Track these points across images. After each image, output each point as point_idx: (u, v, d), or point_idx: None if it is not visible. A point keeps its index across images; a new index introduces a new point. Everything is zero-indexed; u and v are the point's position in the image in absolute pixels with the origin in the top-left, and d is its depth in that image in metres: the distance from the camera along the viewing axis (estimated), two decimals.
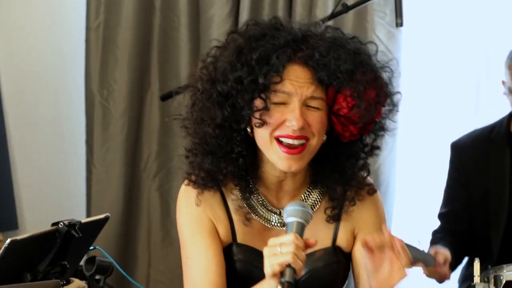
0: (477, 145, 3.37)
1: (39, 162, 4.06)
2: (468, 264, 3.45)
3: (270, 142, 2.19)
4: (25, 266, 2.42)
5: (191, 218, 2.32)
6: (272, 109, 2.18)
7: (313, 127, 2.19)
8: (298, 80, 2.17)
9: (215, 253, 2.28)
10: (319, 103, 2.19)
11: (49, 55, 4.06)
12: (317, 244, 2.18)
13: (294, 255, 2.03)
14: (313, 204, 2.31)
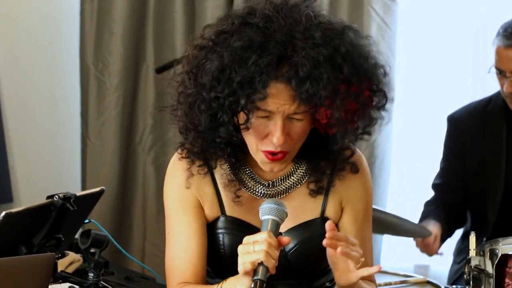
0: (473, 118, 3.38)
1: (34, 135, 4.06)
2: (462, 237, 3.47)
3: (256, 149, 2.22)
4: (20, 239, 2.44)
5: (175, 195, 2.33)
6: (255, 121, 2.18)
7: (296, 137, 2.20)
8: (281, 99, 2.15)
9: (196, 233, 2.30)
10: (302, 116, 2.18)
11: (43, 27, 4.06)
12: (305, 215, 2.27)
13: (267, 253, 2.04)
14: (300, 177, 2.33)
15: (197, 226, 2.31)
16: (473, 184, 3.37)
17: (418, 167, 3.80)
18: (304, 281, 2.36)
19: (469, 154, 3.38)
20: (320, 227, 2.28)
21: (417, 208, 3.47)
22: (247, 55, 2.14)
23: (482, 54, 3.67)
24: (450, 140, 3.43)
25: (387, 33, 3.69)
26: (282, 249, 2.23)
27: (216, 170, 2.32)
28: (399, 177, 3.83)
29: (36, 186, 3.94)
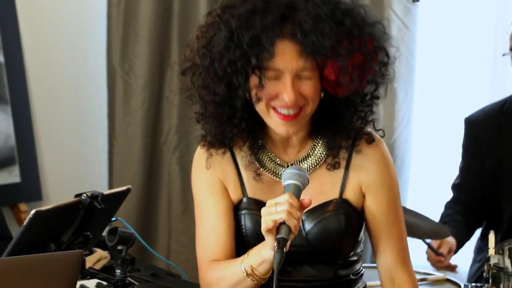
0: (490, 119, 3.38)
1: (62, 135, 4.07)
2: (482, 235, 3.46)
3: (267, 111, 2.25)
4: (49, 237, 2.45)
5: (201, 180, 2.38)
6: (266, 84, 2.23)
7: (307, 95, 2.24)
8: (288, 55, 2.22)
9: (224, 212, 2.33)
10: (309, 73, 2.24)
11: (72, 30, 4.07)
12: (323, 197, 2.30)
13: (289, 212, 2.08)
14: (318, 158, 2.35)
15: (224, 206, 2.34)
16: (490, 183, 3.37)
17: (437, 167, 3.79)
18: (327, 267, 2.36)
19: (486, 154, 3.38)
20: (338, 207, 2.32)
21: (437, 207, 3.46)
22: (252, 18, 2.22)
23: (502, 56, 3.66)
24: (468, 141, 3.43)
25: (407, 35, 3.68)
26: (302, 230, 2.29)
27: (237, 154, 2.36)
28: (418, 177, 3.82)
29: (64, 185, 3.95)
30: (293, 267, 2.34)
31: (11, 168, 3.81)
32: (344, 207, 2.32)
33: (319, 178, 2.34)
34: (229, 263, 2.28)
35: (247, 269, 2.21)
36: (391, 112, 3.71)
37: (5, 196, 3.79)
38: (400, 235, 2.38)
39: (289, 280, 2.35)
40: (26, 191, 3.85)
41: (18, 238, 2.39)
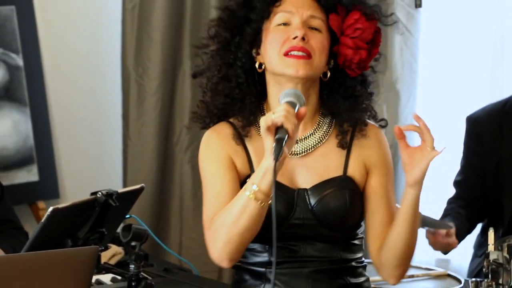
0: (491, 118, 3.38)
1: (79, 135, 4.08)
2: (482, 231, 3.46)
3: (279, 58, 2.30)
4: (66, 233, 2.46)
5: (209, 153, 2.38)
6: (276, 30, 2.30)
7: (315, 44, 2.29)
8: (299, 2, 2.30)
9: (230, 181, 2.33)
10: (319, 24, 2.31)
11: (88, 35, 4.08)
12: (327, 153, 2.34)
13: (286, 116, 2.12)
14: (324, 133, 2.38)
15: (230, 176, 2.34)
16: (491, 180, 3.36)
17: (439, 165, 3.78)
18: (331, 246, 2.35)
19: (487, 152, 3.37)
20: (342, 183, 2.33)
21: (439, 203, 3.45)
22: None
23: (500, 59, 3.66)
24: (470, 139, 3.43)
25: (410, 40, 3.68)
26: (308, 203, 2.30)
27: (244, 133, 2.37)
28: None
29: (81, 183, 3.95)
30: (298, 245, 2.33)
31: (29, 167, 3.81)
32: (348, 184, 2.34)
33: (324, 156, 2.36)
34: (231, 201, 2.26)
35: (249, 189, 2.19)
36: (395, 114, 3.71)
37: (24, 194, 3.80)
38: (395, 210, 2.40)
39: (294, 260, 2.34)
40: (44, 189, 3.85)
41: (36, 235, 2.40)
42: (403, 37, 3.68)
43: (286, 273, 2.34)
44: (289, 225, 2.30)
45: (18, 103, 3.79)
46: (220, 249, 2.26)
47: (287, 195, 2.30)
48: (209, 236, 2.30)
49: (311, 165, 2.34)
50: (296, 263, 2.34)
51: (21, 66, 3.80)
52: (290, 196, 2.31)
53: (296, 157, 2.34)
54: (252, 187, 2.19)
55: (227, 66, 2.37)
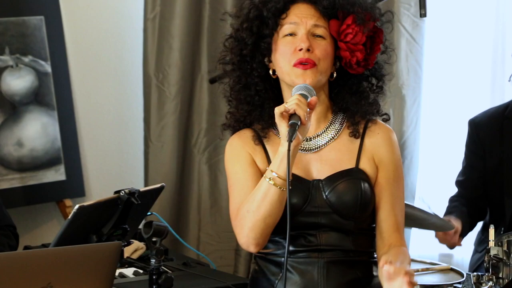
0: (492, 121, 3.36)
1: (103, 138, 4.09)
2: (483, 228, 3.44)
3: (289, 68, 2.35)
4: (91, 229, 2.48)
5: (232, 155, 2.44)
6: (284, 42, 2.36)
7: (319, 53, 2.35)
8: (303, 12, 2.36)
9: (251, 175, 2.39)
10: (322, 31, 2.36)
11: (112, 43, 4.08)
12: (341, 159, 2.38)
13: (297, 104, 2.21)
14: (337, 130, 2.42)
15: (252, 171, 2.39)
16: (492, 180, 3.35)
17: (442, 166, 3.78)
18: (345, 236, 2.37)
19: (488, 154, 3.35)
20: (355, 174, 2.38)
21: (442, 201, 3.45)
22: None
23: (501, 65, 3.65)
24: (471, 141, 3.41)
25: (415, 47, 3.67)
26: (322, 192, 2.35)
27: (262, 134, 2.43)
28: (426, 174, 3.81)
29: (105, 182, 3.97)
30: (314, 234, 2.36)
31: (57, 167, 3.81)
32: (360, 175, 2.38)
33: (337, 150, 2.40)
34: (255, 189, 2.32)
35: (269, 176, 2.26)
36: (401, 117, 3.70)
37: (52, 192, 3.81)
38: (401, 209, 2.44)
39: (309, 249, 2.36)
40: (70, 188, 3.85)
41: (64, 230, 2.41)
42: (408, 45, 3.67)
43: (302, 262, 2.36)
44: (305, 213, 2.34)
45: (46, 107, 3.80)
46: (246, 235, 2.32)
47: (303, 186, 2.35)
48: (236, 224, 2.35)
49: (325, 158, 2.38)
50: (311, 252, 2.36)
51: (50, 73, 3.81)
52: (305, 186, 2.35)
53: (310, 153, 2.39)
54: (271, 174, 2.26)
55: (246, 76, 2.43)
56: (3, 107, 3.69)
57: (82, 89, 3.99)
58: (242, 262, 3.85)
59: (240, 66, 2.43)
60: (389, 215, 2.40)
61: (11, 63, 3.72)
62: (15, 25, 3.72)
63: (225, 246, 3.94)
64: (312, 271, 2.36)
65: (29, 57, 3.77)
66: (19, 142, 3.73)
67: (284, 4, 2.37)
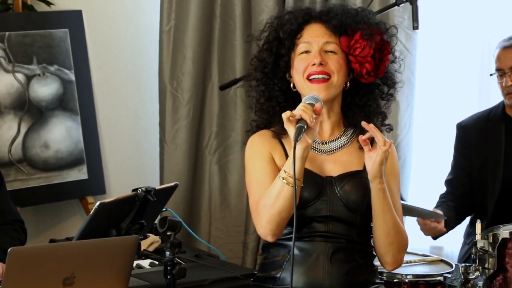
0: (477, 125, 3.37)
1: (122, 140, 4.09)
2: (470, 222, 3.44)
3: (304, 82, 2.41)
4: (111, 224, 2.48)
5: (253, 152, 2.48)
6: (299, 59, 2.42)
7: (332, 65, 2.40)
8: (315, 33, 2.42)
9: (269, 172, 2.43)
10: (334, 47, 2.42)
11: (130, 53, 4.09)
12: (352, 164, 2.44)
13: (303, 110, 2.26)
14: (348, 139, 2.48)
15: (270, 168, 2.43)
16: (477, 179, 3.35)
17: (433, 166, 3.78)
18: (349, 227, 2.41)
19: (474, 154, 3.36)
20: (363, 175, 2.42)
21: (433, 199, 3.44)
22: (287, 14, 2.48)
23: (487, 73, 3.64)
24: (459, 143, 3.42)
25: (408, 57, 3.67)
26: (335, 186, 2.40)
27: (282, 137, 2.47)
28: (418, 174, 3.81)
29: (124, 181, 3.97)
30: (324, 222, 2.40)
31: (80, 167, 3.82)
32: (366, 175, 2.40)
33: (348, 154, 2.46)
34: (271, 186, 2.36)
35: (282, 175, 2.31)
36: (395, 121, 3.70)
37: (75, 190, 3.82)
38: (398, 205, 2.48)
39: (317, 234, 2.40)
40: (92, 186, 3.86)
41: (86, 225, 2.42)
42: (402, 54, 3.63)
43: (308, 245, 2.41)
44: (318, 205, 2.39)
45: (70, 112, 3.81)
46: (264, 226, 2.36)
47: (317, 181, 2.40)
48: (255, 216, 2.40)
49: (338, 160, 2.44)
50: (319, 237, 2.40)
51: (73, 81, 3.82)
52: (320, 181, 2.41)
53: (325, 154, 2.45)
54: (284, 174, 2.31)
55: (269, 90, 2.49)
56: (31, 112, 3.71)
57: (102, 96, 4.00)
58: (250, 254, 3.86)
59: (264, 82, 2.49)
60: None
61: (38, 72, 3.74)
62: (42, 37, 3.73)
63: (234, 239, 3.94)
64: (318, 254, 2.40)
65: (55, 66, 3.78)
66: (45, 144, 3.75)
67: (298, 25, 2.43)
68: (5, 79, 3.65)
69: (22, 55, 3.67)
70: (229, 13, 3.93)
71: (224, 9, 3.94)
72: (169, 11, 3.97)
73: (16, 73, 3.69)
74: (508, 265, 2.82)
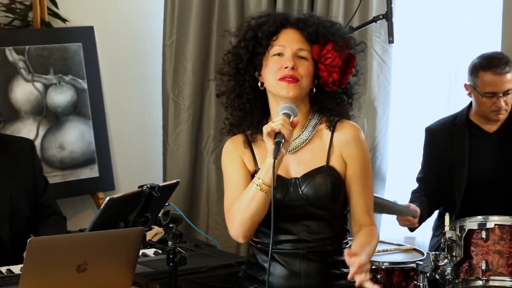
0: (444, 129, 3.37)
1: (129, 142, 4.09)
2: (439, 216, 3.45)
3: (275, 82, 2.32)
4: (119, 217, 2.48)
5: (226, 157, 2.42)
6: (273, 60, 2.33)
7: (302, 71, 2.32)
8: (290, 36, 2.34)
9: (243, 176, 2.36)
10: (306, 54, 2.33)
11: (137, 64, 4.09)
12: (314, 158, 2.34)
13: (282, 124, 2.17)
14: (309, 133, 2.38)
15: (243, 172, 2.37)
16: (445, 177, 3.35)
17: (406, 164, 3.78)
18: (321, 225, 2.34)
19: (442, 155, 3.35)
20: (325, 171, 2.34)
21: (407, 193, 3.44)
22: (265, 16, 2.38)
23: (454, 82, 3.65)
24: (428, 145, 3.41)
25: (385, 68, 3.67)
26: (298, 188, 2.31)
27: (251, 139, 2.40)
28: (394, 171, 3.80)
29: (131, 179, 3.96)
30: (294, 225, 2.33)
31: (92, 166, 3.82)
32: (330, 171, 2.34)
33: (310, 150, 2.36)
34: (244, 191, 2.30)
35: (256, 182, 2.24)
36: (373, 125, 3.70)
37: (87, 186, 3.82)
38: (369, 195, 2.40)
39: (291, 240, 2.33)
40: (102, 183, 3.86)
41: (97, 218, 2.41)
42: (379, 66, 3.67)
43: (286, 253, 2.34)
44: (286, 206, 2.32)
45: (83, 117, 3.81)
46: (236, 229, 2.30)
47: (283, 183, 2.32)
48: (228, 218, 2.33)
49: (301, 158, 2.35)
50: (294, 243, 2.34)
51: (86, 89, 3.82)
52: (285, 184, 2.33)
53: (289, 153, 2.36)
54: (258, 181, 2.23)
55: (239, 86, 2.40)
56: (48, 117, 3.71)
57: (112, 102, 4.00)
58: (243, 244, 3.86)
59: (235, 78, 2.39)
60: (359, 200, 2.37)
61: (54, 81, 3.74)
62: (58, 51, 3.74)
63: None
64: (295, 261, 2.34)
65: (69, 76, 3.78)
66: (61, 146, 3.75)
67: (276, 28, 2.34)
68: (25, 88, 3.65)
69: (40, 66, 3.68)
70: (224, 28, 3.92)
71: (220, 25, 3.95)
72: (171, 27, 3.98)
73: (35, 82, 3.70)
74: (473, 253, 2.83)
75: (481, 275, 2.79)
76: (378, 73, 3.65)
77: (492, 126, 3.30)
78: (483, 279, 2.79)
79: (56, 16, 3.81)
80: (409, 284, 3.00)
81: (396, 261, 3.04)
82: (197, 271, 2.75)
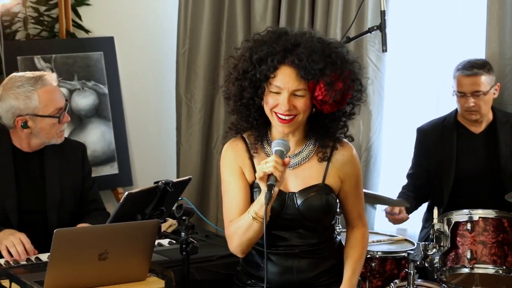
0: (434, 129, 3.37)
1: (146, 142, 4.09)
2: (428, 209, 3.45)
3: (271, 114, 2.24)
4: (137, 210, 2.47)
5: (226, 165, 2.35)
6: (270, 96, 2.21)
7: (299, 108, 2.21)
8: (287, 77, 2.19)
9: (242, 188, 2.30)
10: (302, 92, 2.21)
11: (152, 71, 4.09)
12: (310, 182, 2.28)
13: (274, 166, 2.09)
14: (310, 151, 2.33)
15: (242, 183, 2.31)
16: (434, 174, 3.35)
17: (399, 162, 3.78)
18: (312, 233, 2.33)
19: (431, 154, 3.35)
20: (321, 189, 2.31)
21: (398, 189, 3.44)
22: (265, 43, 2.21)
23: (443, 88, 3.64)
24: (418, 144, 3.41)
25: (379, 75, 3.66)
26: (295, 203, 2.27)
27: (251, 149, 2.33)
28: (387, 169, 3.80)
29: (147, 175, 3.95)
30: (288, 234, 2.32)
31: (112, 164, 3.83)
32: (325, 190, 2.32)
33: (308, 168, 2.33)
34: (241, 217, 2.26)
35: (252, 214, 2.19)
36: (368, 126, 3.69)
37: (108, 182, 3.82)
38: (361, 202, 2.40)
39: (285, 244, 2.33)
40: (122, 179, 3.86)
41: (116, 211, 2.41)
42: (374, 73, 3.66)
43: (280, 254, 2.34)
44: (282, 218, 2.30)
45: (104, 119, 3.82)
46: (235, 248, 2.30)
47: (281, 197, 2.28)
48: (227, 234, 2.31)
49: (299, 174, 2.30)
50: (287, 247, 2.33)
51: (107, 94, 3.83)
52: (283, 197, 2.29)
53: (289, 169, 2.30)
54: (253, 213, 2.19)
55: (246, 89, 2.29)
56: (72, 119, 3.70)
57: (130, 106, 4.00)
58: None
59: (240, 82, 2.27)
60: (353, 208, 2.39)
61: (78, 86, 3.75)
62: (82, 59, 3.74)
63: None
64: (288, 259, 2.33)
65: (92, 82, 3.79)
66: None
67: (273, 67, 2.19)
68: None
69: (65, 73, 3.68)
70: (232, 38, 3.94)
71: (229, 35, 3.95)
72: (184, 37, 3.98)
73: (60, 87, 3.68)
74: (459, 244, 2.83)
75: (466, 263, 2.79)
76: (372, 79, 3.64)
77: (477, 128, 3.29)
78: (468, 267, 2.79)
79: (80, 28, 3.82)
80: (401, 272, 3.00)
81: (389, 251, 3.05)
82: (208, 259, 2.75)
